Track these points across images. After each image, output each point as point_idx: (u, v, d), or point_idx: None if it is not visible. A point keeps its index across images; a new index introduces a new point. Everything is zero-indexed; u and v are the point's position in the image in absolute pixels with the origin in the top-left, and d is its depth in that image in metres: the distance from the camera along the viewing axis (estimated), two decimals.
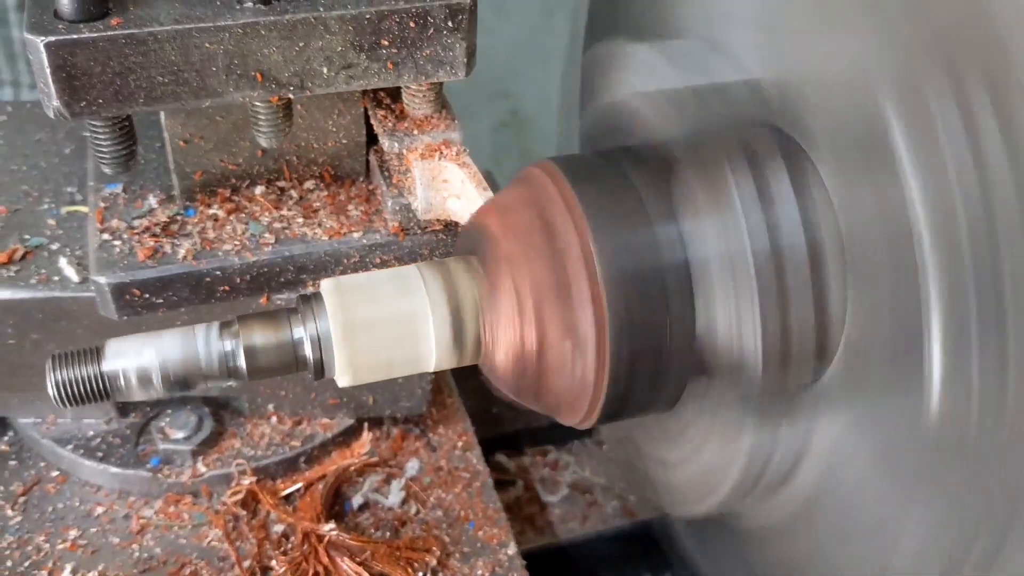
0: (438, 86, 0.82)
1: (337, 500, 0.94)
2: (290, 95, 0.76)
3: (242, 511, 0.91)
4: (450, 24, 0.75)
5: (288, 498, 0.93)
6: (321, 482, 0.93)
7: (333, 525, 0.86)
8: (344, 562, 0.85)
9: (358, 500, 0.94)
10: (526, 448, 1.21)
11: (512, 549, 0.91)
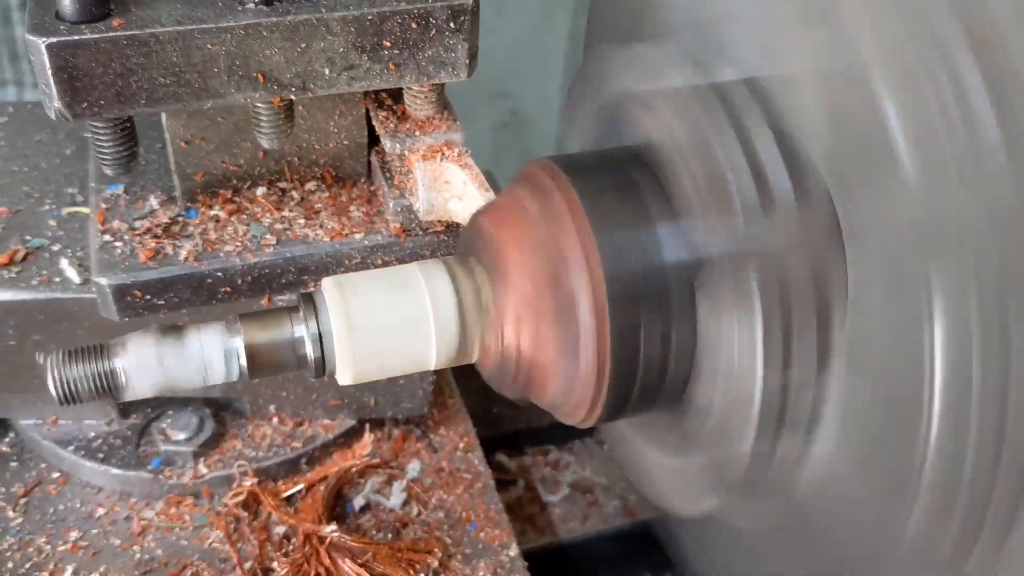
0: (440, 87, 0.82)
1: (338, 501, 0.94)
2: (292, 96, 0.76)
3: (243, 512, 0.91)
4: (452, 25, 0.75)
5: (289, 499, 0.93)
6: (322, 483, 0.93)
7: (334, 526, 0.86)
8: (345, 563, 0.85)
9: (359, 501, 0.94)
10: (527, 448, 1.21)
11: (514, 550, 0.91)
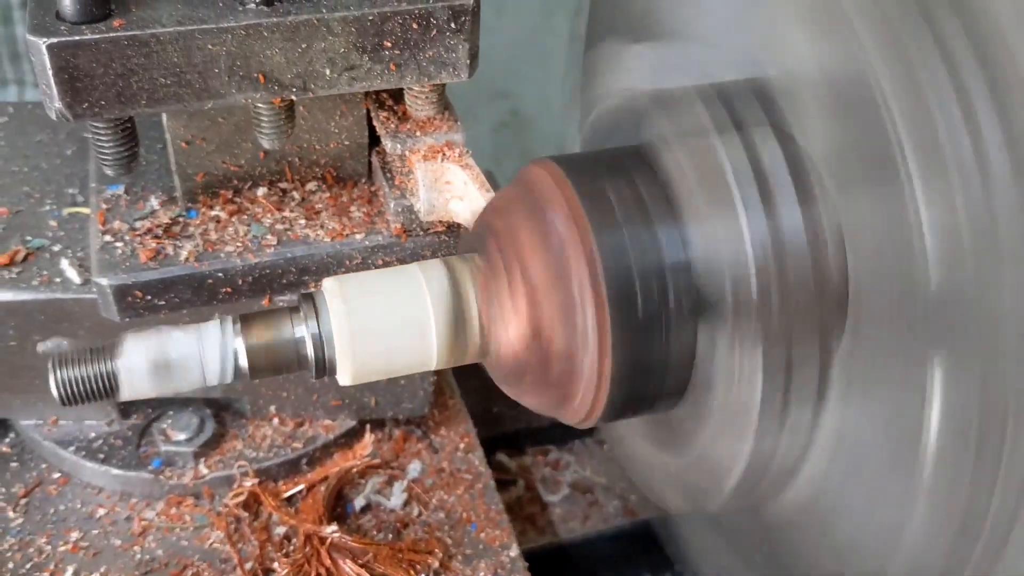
0: (441, 87, 0.82)
1: (339, 502, 0.93)
2: (292, 97, 0.76)
3: (244, 513, 0.91)
4: (453, 25, 0.75)
5: (290, 500, 0.93)
6: (323, 484, 0.93)
7: (335, 527, 0.86)
8: (346, 564, 0.85)
9: (360, 502, 0.94)
10: (527, 447, 1.21)
11: (514, 551, 0.91)
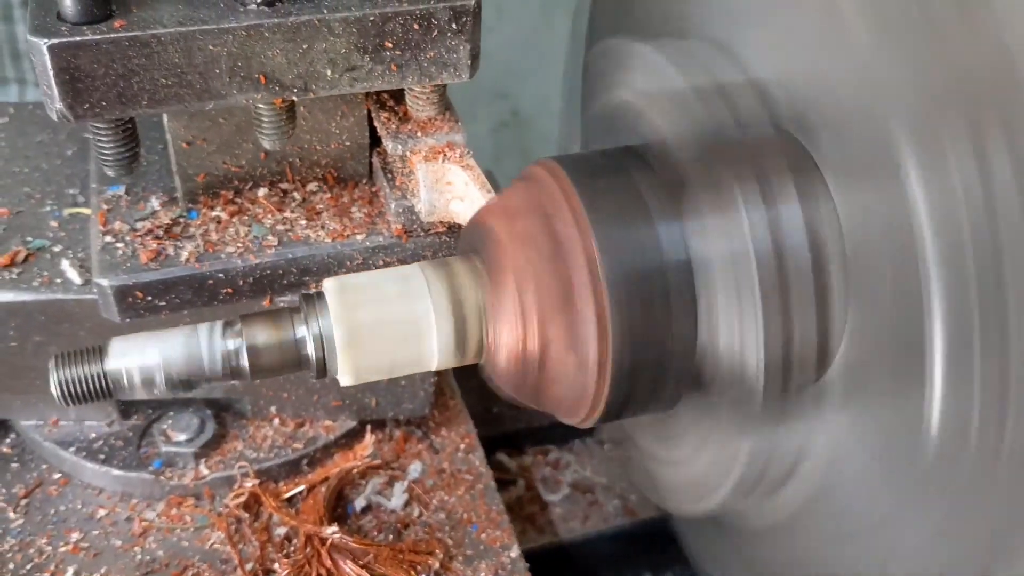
0: (442, 88, 0.82)
1: (340, 502, 0.93)
2: (294, 97, 0.76)
3: (244, 513, 0.91)
4: (454, 26, 0.75)
5: (291, 500, 0.93)
6: (324, 484, 0.93)
7: (336, 528, 0.86)
8: (347, 565, 0.85)
9: (361, 502, 0.94)
10: (527, 447, 1.21)
11: (515, 552, 0.91)
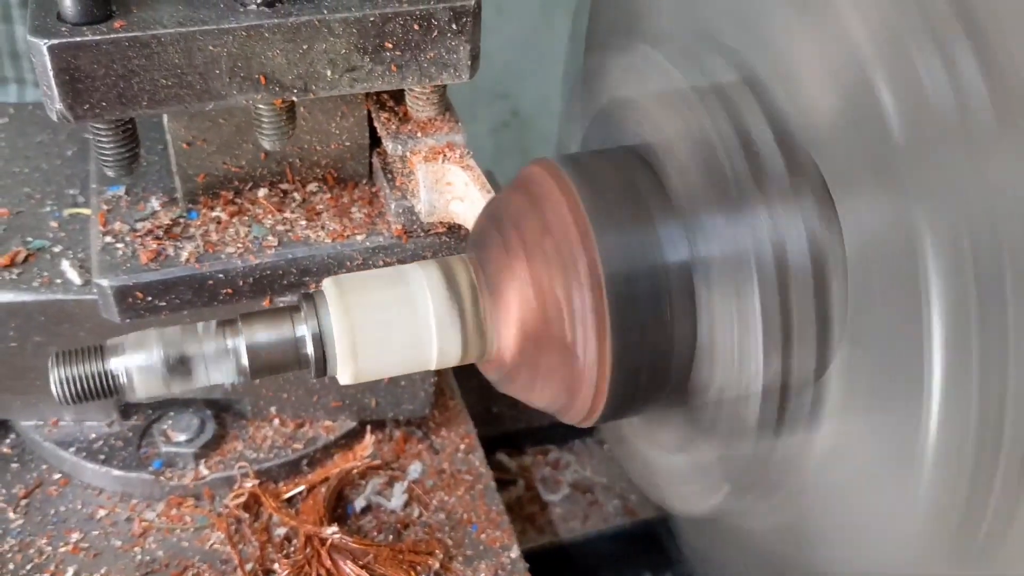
0: (442, 88, 0.82)
1: (339, 503, 0.93)
2: (294, 98, 0.76)
3: (244, 514, 0.91)
4: (454, 27, 0.75)
5: (290, 501, 0.93)
6: (323, 485, 0.93)
7: (336, 528, 0.86)
8: (347, 565, 0.85)
9: (360, 503, 0.94)
10: (527, 447, 1.21)
11: (515, 552, 0.91)
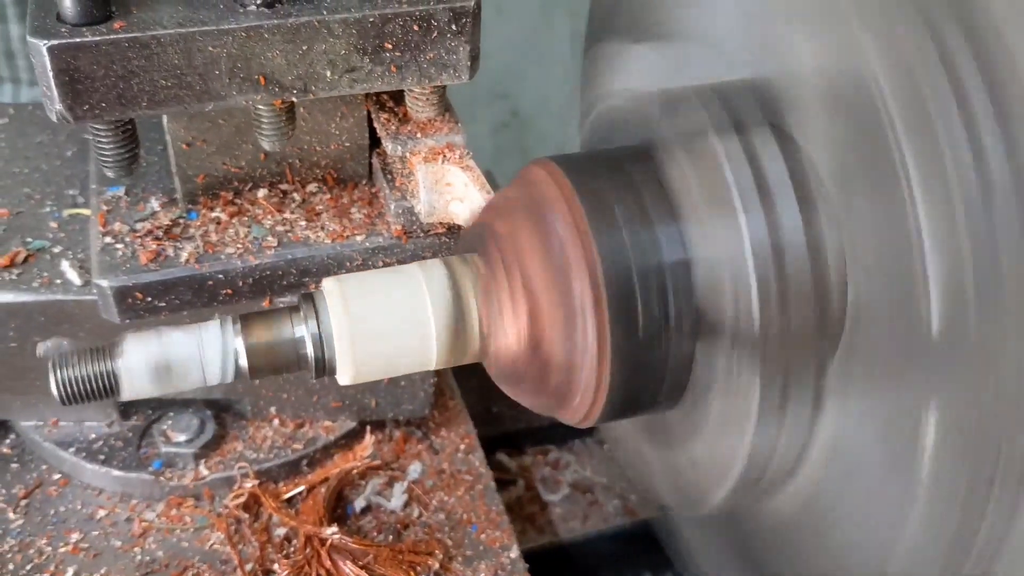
0: (441, 89, 0.82)
1: (339, 503, 0.93)
2: (293, 98, 0.76)
3: (244, 514, 0.91)
4: (454, 27, 0.75)
5: (290, 501, 0.93)
6: (323, 485, 0.93)
7: (335, 528, 0.86)
8: (346, 565, 0.85)
9: (360, 503, 0.94)
10: (527, 447, 1.21)
11: (515, 552, 0.91)
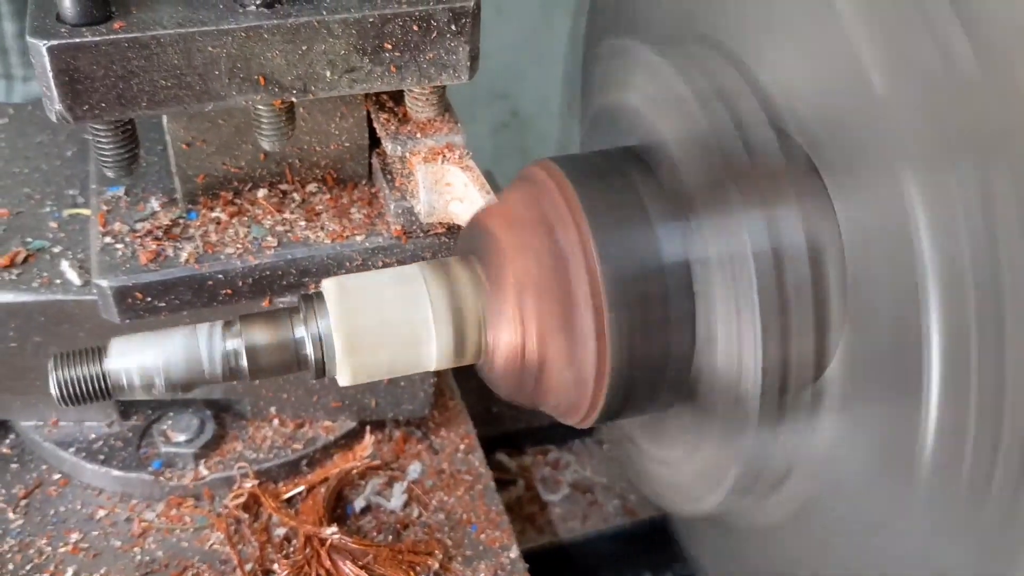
0: (441, 89, 0.82)
1: (339, 503, 0.93)
2: (293, 99, 0.76)
3: (244, 514, 0.91)
4: (453, 28, 0.75)
5: (290, 501, 0.93)
6: (323, 485, 0.93)
7: (335, 528, 0.86)
8: (346, 565, 0.85)
9: (360, 503, 0.94)
10: (527, 447, 1.21)
11: (514, 552, 0.91)
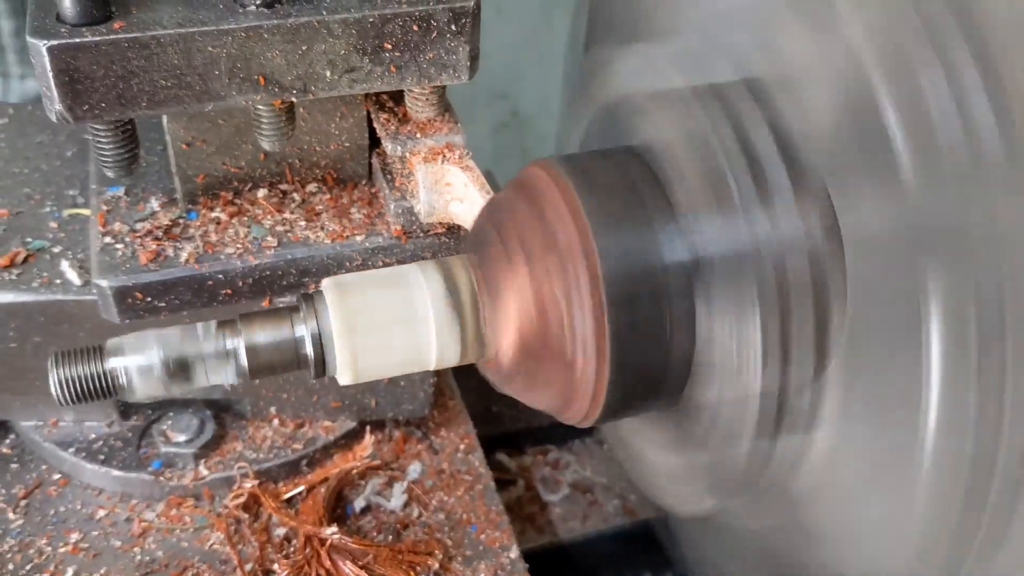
0: (441, 89, 0.82)
1: (339, 503, 0.93)
2: (293, 99, 0.76)
3: (244, 514, 0.91)
4: (453, 28, 0.75)
5: (290, 501, 0.93)
6: (323, 485, 0.93)
7: (335, 528, 0.86)
8: (346, 565, 0.85)
9: (360, 503, 0.94)
10: (527, 447, 1.21)
11: (514, 552, 0.91)
